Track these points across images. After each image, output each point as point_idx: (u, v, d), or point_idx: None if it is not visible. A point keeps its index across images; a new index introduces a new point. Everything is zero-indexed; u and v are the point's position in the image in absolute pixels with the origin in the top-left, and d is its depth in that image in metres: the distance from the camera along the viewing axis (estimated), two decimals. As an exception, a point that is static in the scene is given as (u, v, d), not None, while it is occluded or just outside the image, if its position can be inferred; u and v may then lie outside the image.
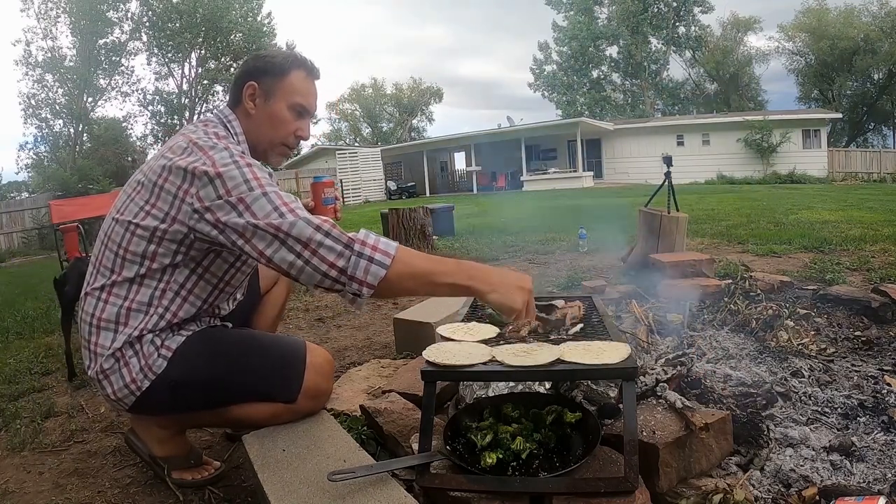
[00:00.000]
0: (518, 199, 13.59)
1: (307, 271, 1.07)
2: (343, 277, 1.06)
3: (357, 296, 1.09)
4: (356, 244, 1.07)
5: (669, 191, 3.35)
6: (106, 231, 1.24)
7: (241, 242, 1.09)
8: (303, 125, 1.35)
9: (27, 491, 1.44)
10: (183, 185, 1.13)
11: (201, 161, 1.13)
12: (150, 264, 1.18)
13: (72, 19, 22.01)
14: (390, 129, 42.08)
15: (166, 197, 1.15)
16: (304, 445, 1.23)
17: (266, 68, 1.30)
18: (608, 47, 33.66)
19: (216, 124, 1.28)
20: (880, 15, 25.89)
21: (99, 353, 1.21)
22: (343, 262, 1.06)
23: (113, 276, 1.20)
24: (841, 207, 7.27)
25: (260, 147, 1.33)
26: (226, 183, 1.10)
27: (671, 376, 1.41)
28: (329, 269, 1.06)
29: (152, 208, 1.16)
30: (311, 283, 1.09)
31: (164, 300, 1.21)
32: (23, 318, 3.91)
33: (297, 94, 1.31)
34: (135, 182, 1.23)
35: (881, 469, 1.15)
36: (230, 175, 1.10)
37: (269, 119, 1.30)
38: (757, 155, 19.84)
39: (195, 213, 1.12)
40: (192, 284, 1.24)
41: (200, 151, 1.15)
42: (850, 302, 2.13)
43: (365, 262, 1.06)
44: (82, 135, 22.67)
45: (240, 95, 1.30)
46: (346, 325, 2.86)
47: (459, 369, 1.10)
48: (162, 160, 1.18)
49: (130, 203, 1.20)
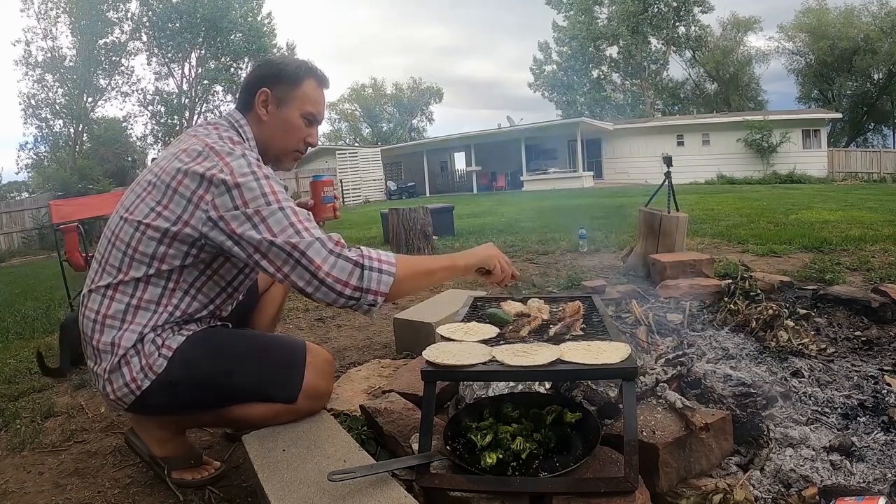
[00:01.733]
0: (518, 199, 13.58)
1: (323, 290, 1.11)
2: (358, 293, 1.12)
3: (373, 306, 1.15)
4: (365, 259, 1.13)
5: (669, 191, 3.35)
6: (113, 230, 1.23)
7: (258, 257, 1.12)
8: (312, 132, 1.38)
9: (27, 491, 1.44)
10: (198, 190, 1.13)
11: (218, 168, 1.13)
12: (158, 265, 1.18)
13: (72, 19, 22.03)
14: (390, 129, 42.08)
15: (179, 200, 1.15)
16: (304, 445, 1.23)
17: (279, 76, 1.31)
18: (608, 47, 33.63)
19: (227, 128, 1.28)
20: (880, 15, 25.86)
21: (102, 350, 1.20)
22: (356, 279, 1.12)
23: (120, 275, 1.20)
24: (841, 207, 7.27)
25: (271, 153, 1.34)
26: (244, 194, 1.11)
27: (671, 376, 1.41)
28: (343, 287, 1.11)
29: (164, 210, 1.16)
30: (326, 301, 1.13)
31: (173, 298, 1.21)
32: (23, 318, 3.92)
33: (309, 103, 1.33)
34: (145, 182, 1.22)
35: (881, 469, 1.15)
36: (249, 186, 1.12)
37: (282, 126, 1.32)
38: (757, 155, 19.82)
39: (209, 221, 1.13)
40: (202, 284, 1.24)
41: (217, 157, 1.15)
42: (850, 302, 2.13)
43: (376, 273, 1.13)
44: (82, 135, 22.68)
45: (251, 101, 1.31)
46: (346, 325, 2.86)
47: (459, 369, 1.10)
48: (176, 163, 1.17)
49: (141, 203, 1.19)
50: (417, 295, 3.31)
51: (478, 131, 23.07)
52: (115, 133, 21.85)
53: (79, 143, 22.43)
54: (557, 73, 35.35)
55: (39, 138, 23.31)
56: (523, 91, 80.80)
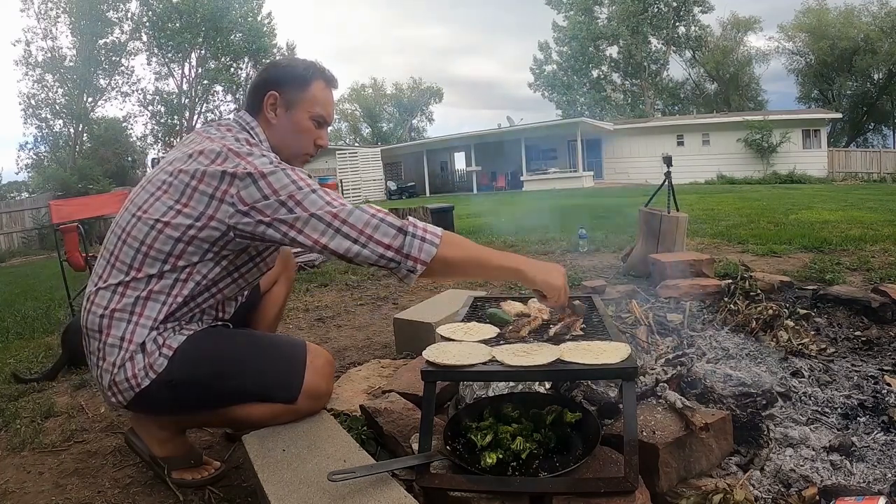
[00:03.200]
0: (518, 199, 13.58)
1: (364, 254, 1.13)
2: (399, 256, 1.13)
3: (411, 272, 1.15)
4: (409, 226, 1.14)
5: (669, 191, 3.35)
6: (124, 227, 1.22)
7: (294, 234, 1.13)
8: (322, 134, 1.37)
9: (27, 491, 1.44)
10: (221, 185, 1.14)
11: (241, 166, 1.14)
12: (175, 262, 1.18)
13: (72, 19, 22.02)
14: (390, 129, 42.08)
15: (201, 198, 1.15)
16: (304, 445, 1.23)
17: (288, 78, 1.31)
18: (608, 47, 33.63)
19: (240, 130, 1.28)
20: (880, 15, 25.87)
21: (110, 344, 1.19)
22: (398, 242, 1.13)
23: (132, 272, 1.19)
24: (841, 207, 7.27)
25: (282, 155, 1.33)
26: (272, 184, 1.12)
27: (671, 376, 1.41)
28: (385, 250, 1.13)
29: (184, 207, 1.16)
30: (368, 262, 1.14)
31: (184, 289, 1.21)
32: (23, 318, 3.92)
33: (318, 105, 1.33)
34: (159, 181, 1.21)
35: (881, 469, 1.15)
36: (276, 178, 1.13)
37: (292, 129, 1.32)
38: (757, 155, 19.83)
39: (237, 213, 1.13)
40: (215, 275, 1.24)
41: (238, 158, 1.15)
42: (850, 302, 2.13)
43: (418, 241, 1.13)
44: (82, 135, 22.67)
45: (260, 104, 1.30)
46: (346, 325, 2.86)
47: (459, 369, 1.10)
48: (195, 164, 1.17)
49: (156, 202, 1.19)
50: (417, 295, 3.31)
51: (478, 131, 23.09)
52: (115, 133, 21.83)
53: (79, 143, 22.40)
54: (557, 73, 35.35)
55: (39, 138, 23.31)
56: (523, 91, 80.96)
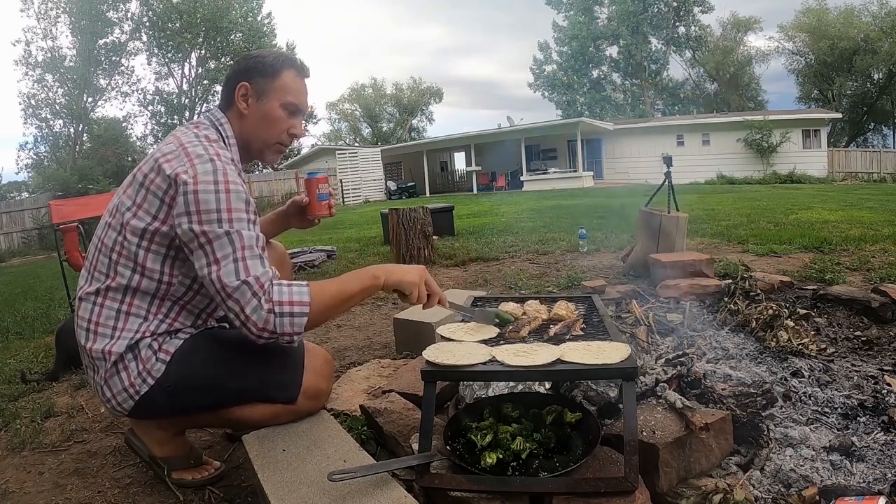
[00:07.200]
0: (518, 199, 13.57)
1: (245, 330, 1.15)
2: (274, 336, 1.16)
3: (290, 343, 1.19)
4: (276, 307, 1.14)
5: (669, 191, 3.35)
6: (99, 236, 1.25)
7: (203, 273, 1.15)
8: (296, 123, 1.36)
9: (27, 491, 1.44)
10: (169, 190, 1.15)
11: (184, 168, 1.15)
12: (143, 266, 1.19)
13: (72, 19, 22.01)
14: (390, 129, 42.05)
15: (153, 200, 1.17)
16: (304, 445, 1.23)
17: (257, 68, 1.30)
18: (608, 47, 33.68)
19: (207, 126, 1.29)
20: (880, 15, 25.85)
21: (96, 357, 1.21)
22: (271, 326, 1.14)
23: (108, 280, 1.21)
24: (841, 207, 7.27)
25: (254, 146, 1.34)
26: (199, 204, 1.12)
27: (671, 376, 1.41)
28: (260, 332, 1.15)
29: (139, 209, 1.18)
30: (250, 337, 1.16)
31: (162, 308, 1.23)
32: (23, 318, 3.92)
33: (290, 93, 1.32)
34: (126, 183, 1.25)
35: (881, 469, 1.15)
36: (205, 198, 1.12)
37: (263, 118, 1.31)
38: (757, 155, 19.82)
39: (175, 216, 1.15)
40: (189, 298, 1.27)
41: (186, 158, 1.17)
42: (850, 302, 2.13)
43: (287, 319, 1.15)
44: (82, 135, 22.67)
45: (232, 96, 1.31)
46: (346, 325, 2.86)
47: (459, 369, 1.10)
48: (151, 161, 1.20)
49: (122, 206, 1.22)
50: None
51: (478, 131, 23.05)
52: (115, 133, 21.82)
53: (79, 143, 22.41)
54: (557, 73, 35.36)
55: (39, 138, 23.33)
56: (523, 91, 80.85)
